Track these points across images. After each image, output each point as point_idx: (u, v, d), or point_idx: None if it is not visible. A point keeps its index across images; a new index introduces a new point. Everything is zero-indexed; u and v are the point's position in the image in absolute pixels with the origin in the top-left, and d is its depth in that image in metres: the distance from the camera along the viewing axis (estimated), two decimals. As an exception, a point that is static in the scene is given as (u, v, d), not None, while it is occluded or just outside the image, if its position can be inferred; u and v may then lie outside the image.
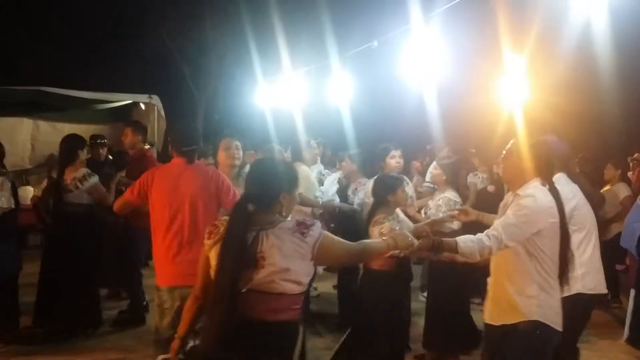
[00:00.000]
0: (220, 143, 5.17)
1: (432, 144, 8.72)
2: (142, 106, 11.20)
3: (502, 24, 5.43)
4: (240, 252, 2.49)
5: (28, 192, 9.80)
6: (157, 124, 11.14)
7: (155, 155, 8.56)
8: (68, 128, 11.30)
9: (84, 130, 11.18)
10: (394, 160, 5.54)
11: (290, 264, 2.49)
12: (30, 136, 11.40)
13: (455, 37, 6.40)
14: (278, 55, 10.41)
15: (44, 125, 11.49)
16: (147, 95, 10.93)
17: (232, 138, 5.13)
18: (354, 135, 7.70)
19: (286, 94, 9.51)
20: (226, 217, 2.66)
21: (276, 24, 12.77)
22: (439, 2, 6.09)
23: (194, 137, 4.32)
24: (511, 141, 3.50)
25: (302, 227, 2.57)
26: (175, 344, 2.82)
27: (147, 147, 7.60)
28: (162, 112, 11.05)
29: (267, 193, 2.63)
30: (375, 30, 7.20)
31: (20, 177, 11.05)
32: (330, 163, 8.46)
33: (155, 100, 10.95)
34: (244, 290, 2.47)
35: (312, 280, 2.88)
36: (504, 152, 3.53)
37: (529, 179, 3.36)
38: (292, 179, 2.75)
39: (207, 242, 2.65)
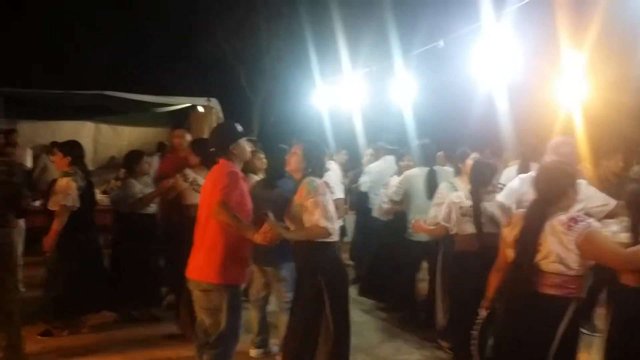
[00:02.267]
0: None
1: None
2: (201, 109, 11.30)
3: (561, 21, 5.31)
4: (533, 239, 3.21)
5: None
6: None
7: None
8: (128, 131, 11.57)
9: (144, 133, 11.42)
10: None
11: (557, 249, 3.13)
12: (92, 139, 11.67)
13: (520, 36, 6.22)
14: (337, 55, 10.36)
15: (105, 128, 11.76)
16: (205, 98, 11.01)
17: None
18: (416, 135, 7.59)
19: (345, 95, 9.42)
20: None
21: (335, 23, 12.74)
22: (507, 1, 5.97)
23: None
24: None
25: (571, 221, 3.14)
26: (485, 304, 3.70)
27: None
28: (221, 114, 11.13)
29: (553, 191, 3.30)
30: (440, 29, 7.05)
31: (83, 179, 11.30)
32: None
33: (214, 102, 11.02)
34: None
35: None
36: None
37: None
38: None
39: (506, 229, 3.45)
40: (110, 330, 6.10)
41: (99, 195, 10.07)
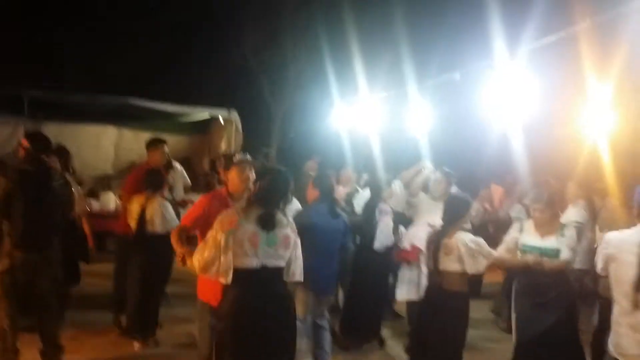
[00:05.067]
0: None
1: (512, 176, 8.52)
2: (221, 120, 11.50)
3: (585, 53, 5.31)
4: None
5: (110, 199, 10.17)
6: (234, 139, 11.42)
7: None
8: (149, 137, 11.76)
9: (165, 139, 11.61)
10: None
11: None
12: (114, 143, 11.91)
13: (541, 71, 6.24)
14: (356, 77, 10.47)
15: (127, 133, 11.99)
16: (226, 110, 11.22)
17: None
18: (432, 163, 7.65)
19: (363, 117, 9.51)
20: None
21: (356, 45, 12.90)
22: (524, 36, 6.01)
23: None
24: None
25: None
26: None
27: None
28: (240, 127, 11.32)
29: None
30: (458, 62, 7.12)
31: (103, 183, 11.53)
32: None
33: (234, 115, 11.23)
34: None
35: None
36: None
37: None
38: None
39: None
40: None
41: (116, 199, 10.34)
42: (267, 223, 3.63)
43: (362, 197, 7.18)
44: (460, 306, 4.87)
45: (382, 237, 6.40)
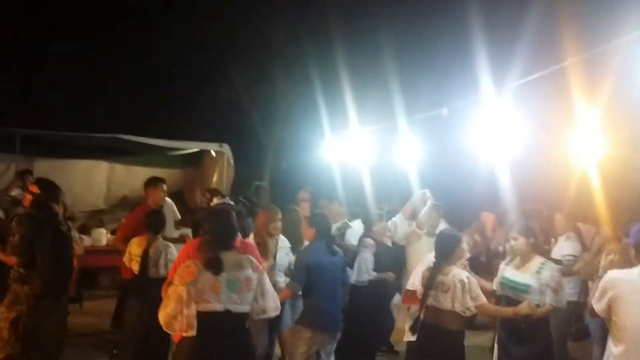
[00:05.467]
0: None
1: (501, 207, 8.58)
2: (213, 153, 11.55)
3: (573, 85, 5.40)
4: None
5: (101, 235, 10.15)
6: (225, 172, 11.45)
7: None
8: (142, 171, 11.74)
9: (157, 173, 11.54)
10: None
11: None
12: (106, 178, 11.92)
13: (528, 104, 6.36)
14: (346, 110, 10.59)
15: (119, 167, 12.00)
16: (218, 144, 11.26)
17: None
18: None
19: (353, 150, 9.60)
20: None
21: (345, 79, 13.06)
22: (510, 72, 6.14)
23: None
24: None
25: None
26: None
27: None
28: (232, 161, 11.35)
29: None
30: (446, 97, 7.25)
31: (95, 218, 11.53)
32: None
33: (226, 148, 11.27)
34: None
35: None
36: None
37: None
38: None
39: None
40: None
41: (108, 235, 10.34)
42: (215, 266, 3.56)
43: (354, 231, 7.23)
44: (455, 344, 4.84)
45: (359, 272, 6.36)
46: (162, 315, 3.56)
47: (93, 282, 9.76)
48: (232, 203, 4.68)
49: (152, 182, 6.75)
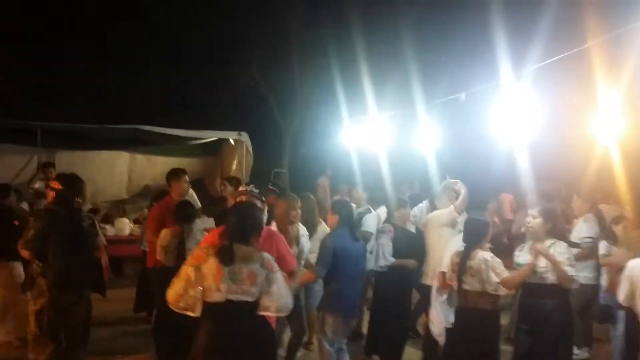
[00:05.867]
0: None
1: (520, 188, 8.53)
2: (232, 142, 11.62)
3: (597, 59, 5.34)
4: None
5: (124, 224, 10.30)
6: (245, 160, 11.51)
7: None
8: (162, 161, 11.90)
9: (177, 163, 11.75)
10: None
11: None
12: (127, 168, 12.05)
13: (548, 85, 6.29)
14: (364, 96, 10.56)
15: (140, 158, 12.12)
16: (236, 133, 11.31)
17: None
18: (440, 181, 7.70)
19: (371, 135, 9.58)
20: None
21: (364, 65, 13.02)
22: (530, 56, 6.07)
23: None
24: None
25: None
26: None
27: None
28: (250, 149, 11.41)
29: None
30: (464, 82, 7.19)
31: (117, 207, 11.69)
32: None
33: (244, 137, 11.32)
34: None
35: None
36: None
37: None
38: None
39: None
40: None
41: (131, 225, 10.48)
42: (224, 256, 3.59)
43: (371, 217, 7.22)
44: (492, 324, 4.95)
45: (376, 258, 6.39)
46: (170, 292, 3.63)
47: (117, 271, 9.90)
48: (256, 190, 4.65)
49: (175, 174, 6.69)
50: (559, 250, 4.91)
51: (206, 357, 3.61)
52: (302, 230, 5.80)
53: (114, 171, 11.88)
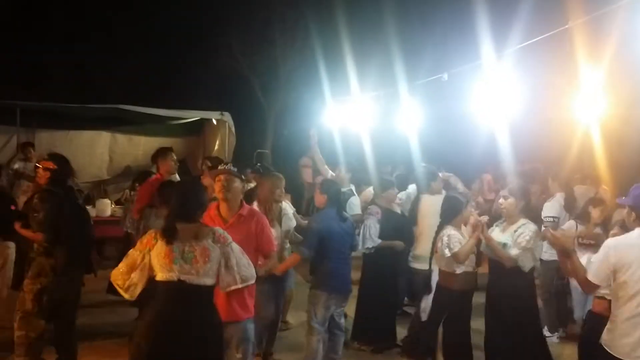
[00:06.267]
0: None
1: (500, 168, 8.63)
2: (214, 121, 11.53)
3: (578, 40, 5.38)
4: None
5: (106, 205, 10.21)
6: (227, 140, 11.44)
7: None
8: (144, 141, 11.79)
9: (159, 143, 11.63)
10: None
11: None
12: (108, 148, 11.90)
13: (530, 65, 6.33)
14: (347, 76, 10.53)
15: (121, 137, 11.95)
16: (219, 112, 11.22)
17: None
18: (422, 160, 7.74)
19: (354, 116, 9.58)
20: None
21: (346, 45, 12.97)
22: (511, 37, 6.09)
23: None
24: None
25: None
26: None
27: None
28: (233, 129, 11.33)
29: None
30: (446, 62, 7.21)
31: (98, 188, 11.58)
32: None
33: (227, 117, 11.23)
34: None
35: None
36: None
37: None
38: None
39: None
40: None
41: (113, 206, 10.40)
42: (167, 234, 3.58)
43: (357, 198, 7.27)
44: (458, 302, 5.20)
45: (363, 239, 6.40)
46: (114, 271, 3.66)
47: (98, 252, 9.83)
48: (234, 169, 4.62)
49: (162, 153, 6.71)
50: (525, 232, 4.97)
51: (150, 335, 3.57)
52: (287, 209, 5.84)
53: (95, 151, 11.72)
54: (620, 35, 5.13)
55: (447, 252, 5.02)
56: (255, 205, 5.35)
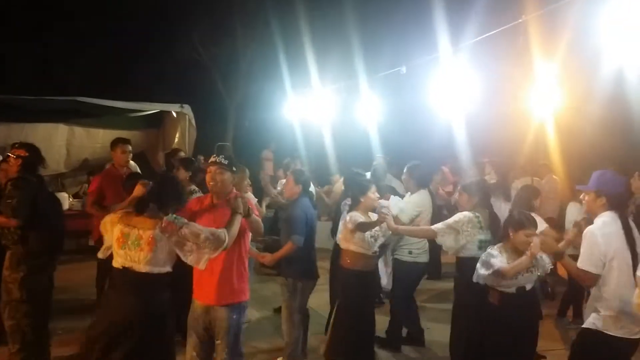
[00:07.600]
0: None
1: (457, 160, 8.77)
2: (174, 114, 11.42)
3: (533, 33, 5.50)
4: None
5: (63, 199, 10.05)
6: (187, 132, 11.36)
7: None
8: (102, 133, 11.58)
9: (118, 135, 11.45)
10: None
11: None
12: (65, 141, 11.65)
13: (485, 58, 6.45)
14: (307, 68, 10.57)
15: (79, 130, 11.70)
16: (179, 105, 11.12)
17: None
18: (380, 152, 7.85)
19: (315, 108, 9.63)
20: None
21: (307, 37, 13.00)
22: (467, 30, 6.20)
23: None
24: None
25: None
26: None
27: None
28: (193, 121, 11.25)
29: None
30: (405, 56, 7.29)
31: (55, 181, 11.37)
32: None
33: (187, 109, 11.14)
34: None
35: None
36: None
37: None
38: None
39: None
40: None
41: (70, 199, 10.24)
42: (124, 220, 3.76)
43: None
44: (354, 281, 5.19)
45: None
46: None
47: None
48: (225, 162, 4.59)
49: (113, 144, 6.73)
50: (458, 215, 4.97)
51: (99, 318, 3.73)
52: (252, 199, 5.91)
53: (52, 144, 11.45)
54: (574, 29, 5.27)
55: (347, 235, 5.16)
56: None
